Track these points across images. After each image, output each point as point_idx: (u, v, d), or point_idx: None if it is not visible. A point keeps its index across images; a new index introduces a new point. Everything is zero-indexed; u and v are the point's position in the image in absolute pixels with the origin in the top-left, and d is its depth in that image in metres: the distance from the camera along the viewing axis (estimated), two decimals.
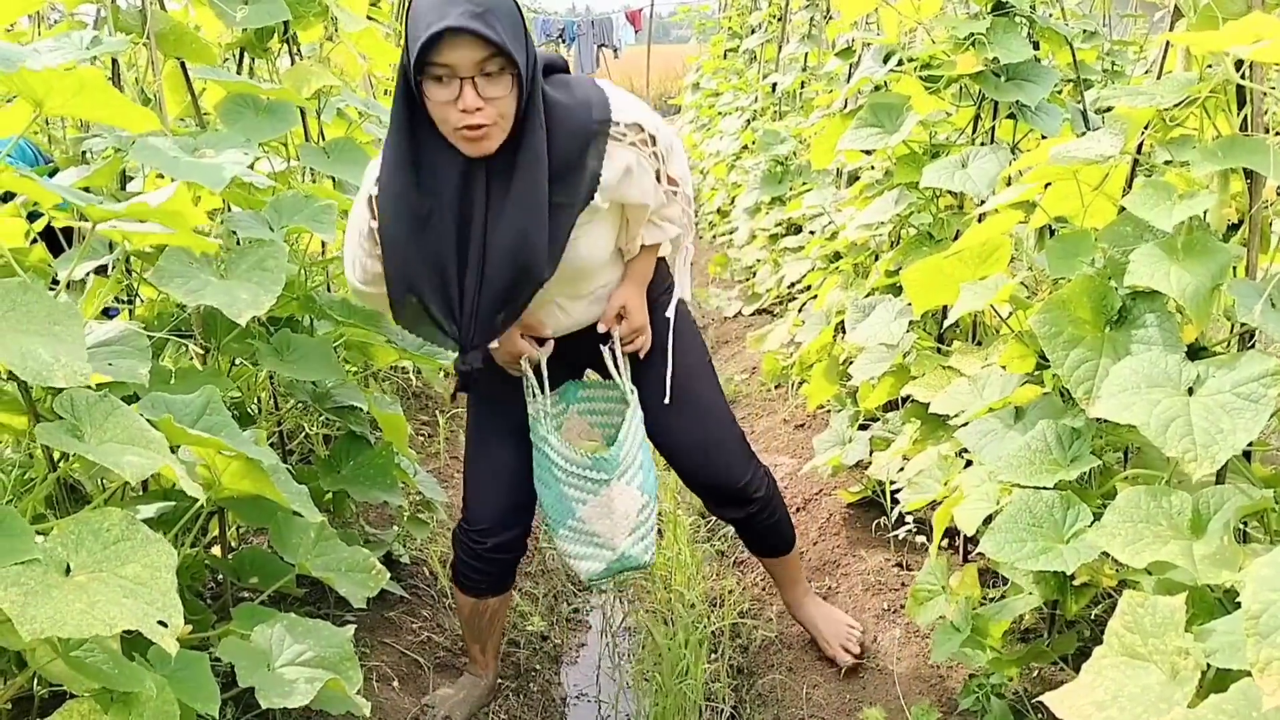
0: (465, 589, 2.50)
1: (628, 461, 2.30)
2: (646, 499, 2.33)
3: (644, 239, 2.26)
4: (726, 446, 2.43)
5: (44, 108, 1.60)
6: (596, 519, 2.31)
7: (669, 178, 2.19)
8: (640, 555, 2.35)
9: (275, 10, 2.67)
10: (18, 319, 1.40)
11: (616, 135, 2.05)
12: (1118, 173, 1.97)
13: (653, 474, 2.36)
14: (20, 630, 1.29)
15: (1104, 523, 1.57)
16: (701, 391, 2.43)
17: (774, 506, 2.53)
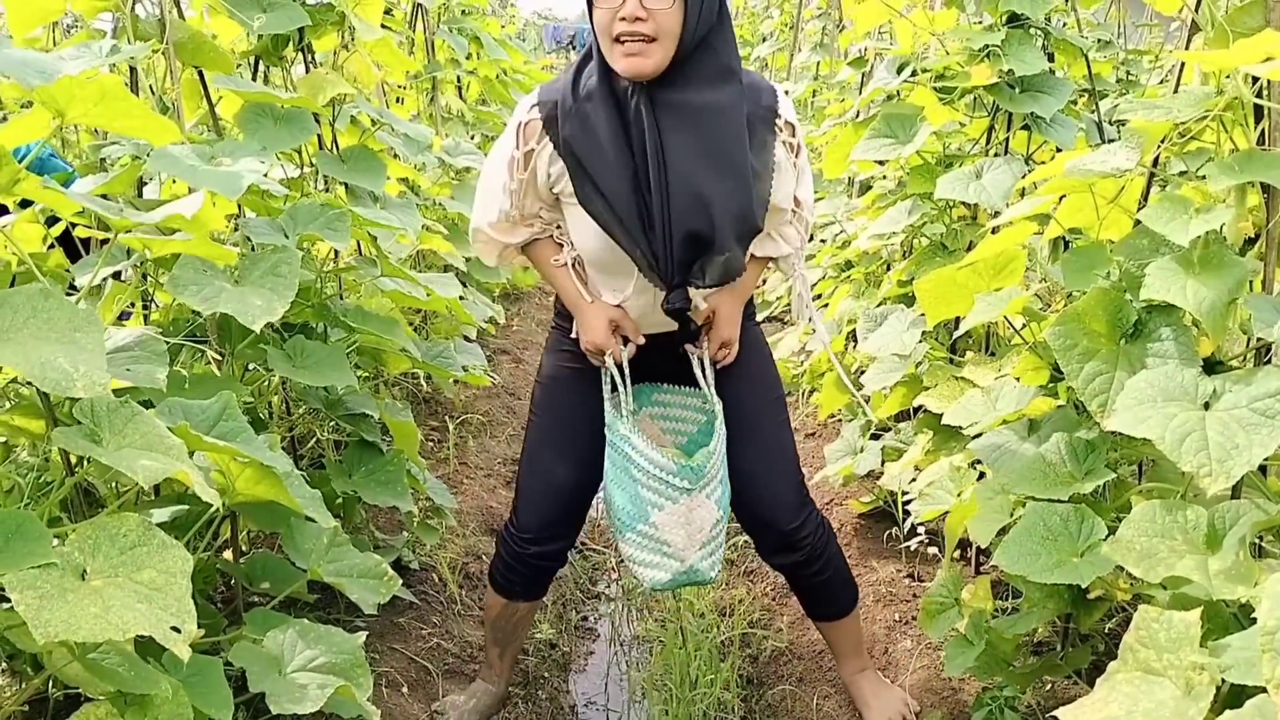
0: (499, 588, 2.50)
1: (712, 474, 2.23)
2: (721, 514, 2.26)
3: (755, 249, 2.19)
4: (780, 485, 2.34)
5: (65, 116, 1.61)
6: (671, 527, 2.22)
7: (796, 196, 2.17)
8: (707, 571, 2.27)
9: (294, 17, 2.69)
10: (39, 326, 1.41)
11: (777, 127, 2.08)
12: (1134, 186, 1.97)
13: (728, 490, 2.28)
14: (35, 633, 1.29)
15: (1119, 536, 1.57)
16: (766, 424, 2.34)
17: (825, 562, 2.39)
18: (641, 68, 1.93)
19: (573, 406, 2.34)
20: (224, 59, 2.43)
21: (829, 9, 6.74)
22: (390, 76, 3.90)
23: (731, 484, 2.29)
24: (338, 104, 3.08)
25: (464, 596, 3.15)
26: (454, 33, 5.39)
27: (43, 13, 2.34)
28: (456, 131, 5.42)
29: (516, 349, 5.70)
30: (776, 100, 2.08)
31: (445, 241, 4.04)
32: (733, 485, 2.29)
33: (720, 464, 2.25)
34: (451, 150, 4.38)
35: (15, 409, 1.93)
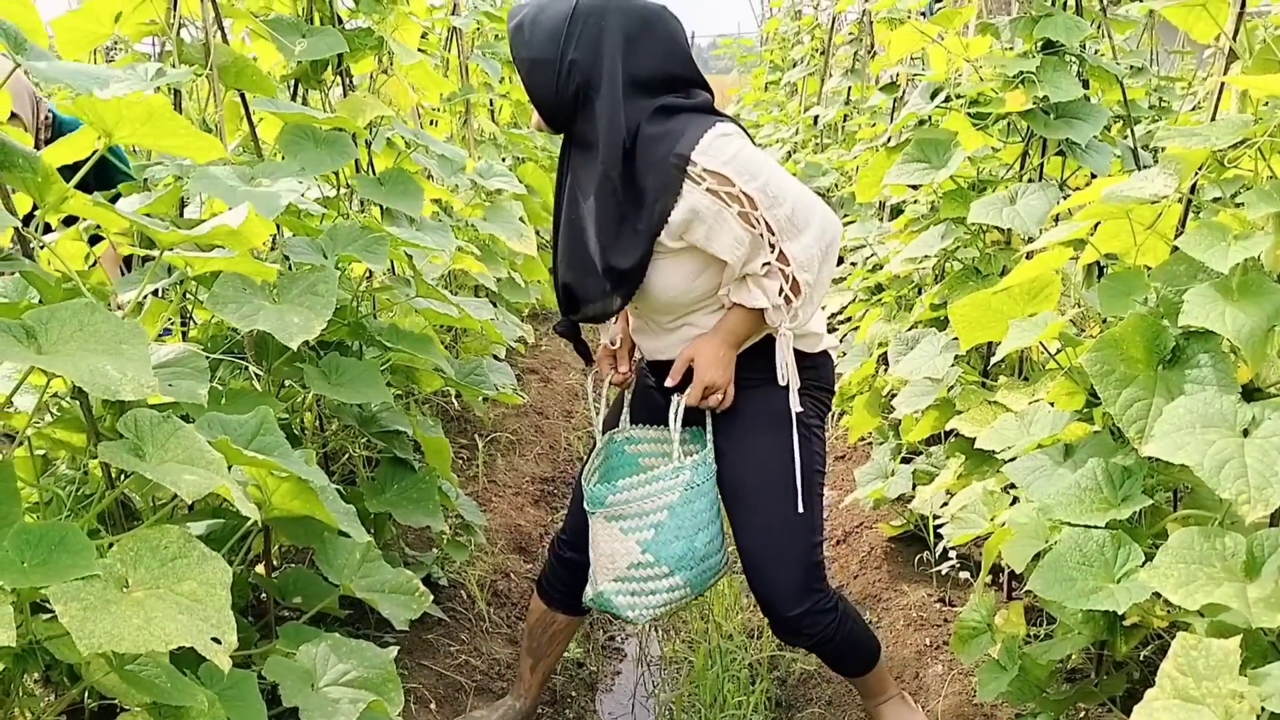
0: (541, 592, 2.58)
1: (624, 508, 2.21)
2: (649, 559, 2.21)
3: (731, 295, 2.17)
4: (779, 570, 2.24)
5: (113, 136, 1.64)
6: (593, 542, 2.32)
7: (781, 252, 2.09)
8: (623, 609, 2.26)
9: (333, 43, 2.73)
10: (85, 339, 1.43)
11: (694, 176, 2.04)
12: (1171, 212, 1.96)
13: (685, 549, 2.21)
14: (79, 644, 1.31)
15: (1156, 563, 1.56)
16: (771, 501, 2.23)
17: (836, 645, 2.31)
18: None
19: (605, 421, 2.46)
20: (266, 82, 2.47)
21: (860, 35, 6.76)
22: (425, 100, 3.94)
23: (740, 560, 2.31)
24: (375, 126, 3.12)
25: (492, 614, 3.16)
26: (487, 57, 5.44)
27: (91, 37, 2.39)
28: (489, 154, 5.46)
29: (545, 368, 5.73)
30: (691, 148, 2.03)
31: (477, 262, 4.07)
32: (740, 561, 2.31)
33: (657, 509, 2.20)
34: (484, 172, 4.42)
35: (57, 422, 1.95)
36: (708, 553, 2.26)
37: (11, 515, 1.39)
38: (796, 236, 2.07)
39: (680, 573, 2.23)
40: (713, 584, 2.34)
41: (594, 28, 2.07)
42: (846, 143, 6.45)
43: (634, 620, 2.28)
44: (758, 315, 2.16)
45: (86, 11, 2.33)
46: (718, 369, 2.19)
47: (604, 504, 2.24)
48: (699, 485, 2.24)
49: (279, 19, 2.75)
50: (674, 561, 2.22)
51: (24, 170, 1.50)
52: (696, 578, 2.26)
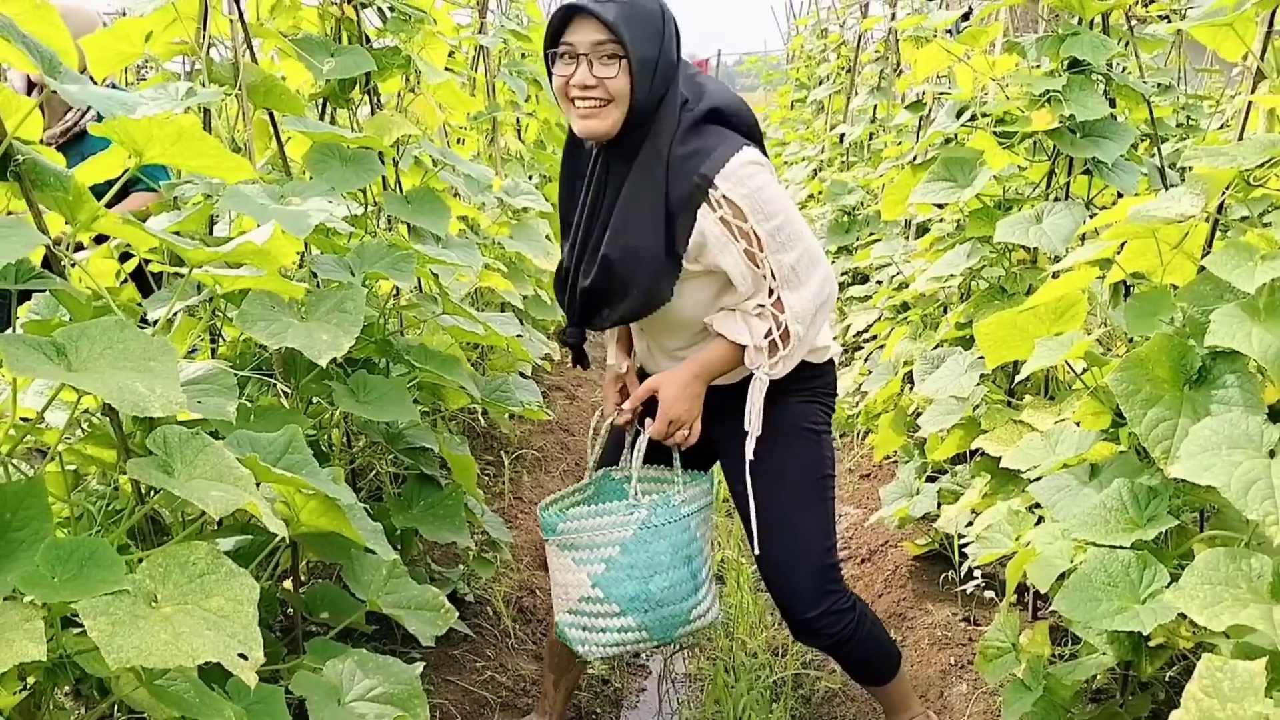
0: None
1: (574, 537, 2.19)
2: (598, 594, 2.17)
3: (715, 324, 2.14)
4: (798, 576, 2.25)
5: (144, 155, 1.66)
6: (550, 570, 2.30)
7: (778, 299, 2.10)
8: (574, 642, 2.24)
9: (360, 61, 2.76)
10: (115, 356, 1.45)
11: (712, 200, 2.02)
12: (1197, 232, 1.95)
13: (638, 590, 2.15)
14: (107, 659, 1.32)
15: (1182, 584, 1.55)
16: (785, 507, 2.25)
17: (854, 646, 2.32)
18: (595, 129, 2.05)
19: (602, 459, 2.42)
20: (295, 101, 2.50)
21: (886, 53, 6.77)
22: (452, 118, 3.98)
23: (756, 564, 2.32)
24: (402, 144, 3.15)
25: (518, 630, 3.17)
26: (514, 75, 5.48)
27: (122, 56, 2.42)
28: (515, 172, 5.50)
29: (570, 385, 5.74)
30: (716, 171, 2.02)
31: (504, 280, 4.10)
32: (757, 565, 2.32)
33: (609, 545, 2.16)
34: (511, 190, 4.45)
35: (87, 438, 1.98)
36: (666, 599, 2.16)
37: (43, 531, 1.40)
38: (797, 288, 2.08)
39: (632, 614, 2.15)
40: (683, 635, 2.25)
41: (674, 29, 2.04)
42: (872, 161, 6.45)
43: (585, 656, 2.25)
44: (736, 352, 2.14)
45: (117, 31, 2.37)
46: (684, 403, 2.16)
47: (555, 531, 2.21)
48: (657, 527, 2.16)
49: (307, 38, 2.78)
50: (625, 601, 2.15)
51: (56, 189, 1.52)
52: (655, 623, 2.17)
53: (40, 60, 1.40)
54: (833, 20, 9.93)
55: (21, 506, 1.40)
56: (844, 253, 5.70)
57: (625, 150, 2.08)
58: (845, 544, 3.76)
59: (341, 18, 2.93)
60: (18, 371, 1.29)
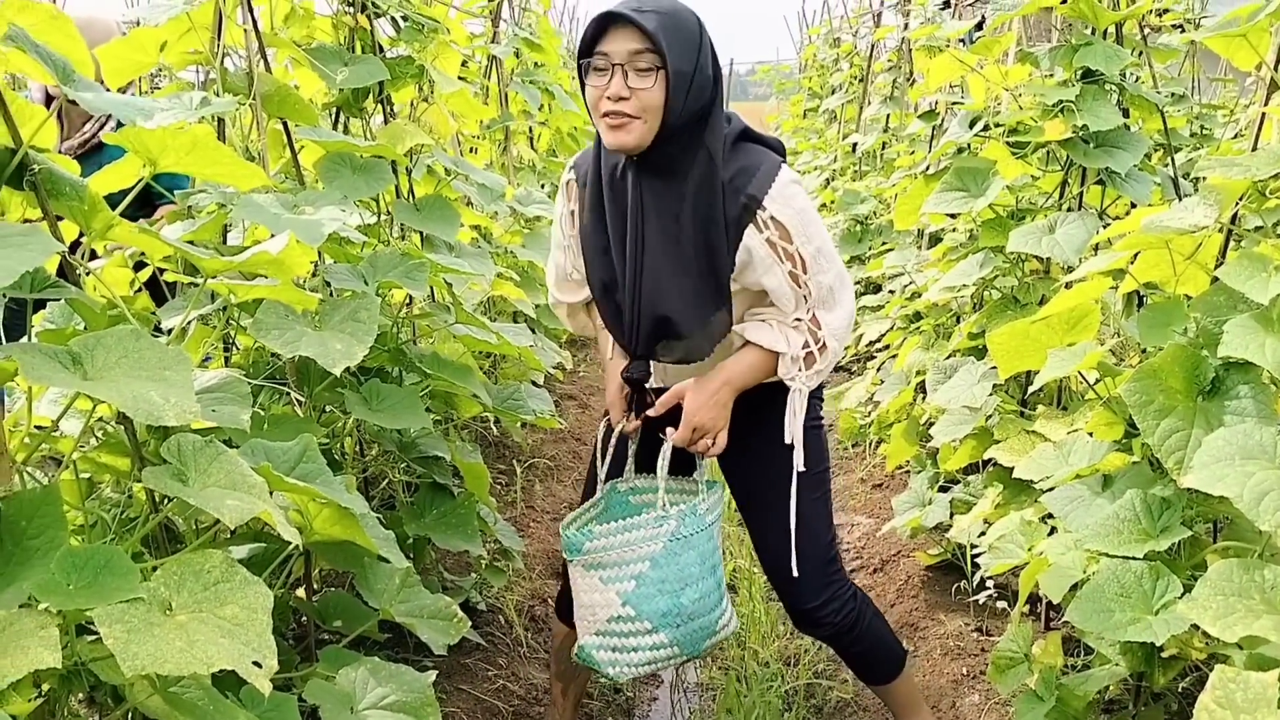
0: (561, 616, 2.53)
1: (602, 555, 2.12)
2: (629, 612, 2.10)
3: (747, 333, 2.11)
4: (797, 564, 2.25)
5: (158, 164, 1.67)
6: (574, 592, 2.22)
7: (814, 317, 2.08)
8: (603, 664, 2.16)
9: (374, 71, 2.77)
10: (130, 365, 1.46)
11: (760, 222, 2.01)
12: (1211, 242, 1.95)
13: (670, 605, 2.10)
14: (122, 666, 1.33)
15: (1195, 595, 1.54)
16: (785, 503, 2.23)
17: (856, 637, 2.32)
18: (624, 141, 1.98)
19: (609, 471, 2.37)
20: (308, 111, 2.51)
21: (899, 62, 6.77)
22: (465, 128, 3.99)
23: (757, 557, 2.32)
24: (415, 153, 3.16)
25: (530, 639, 3.17)
26: (527, 85, 5.49)
27: (136, 65, 2.44)
28: (528, 181, 5.51)
29: (583, 394, 5.75)
30: (764, 191, 2.00)
31: (516, 288, 4.11)
32: (758, 558, 2.32)
33: (639, 560, 2.10)
34: (523, 199, 4.46)
35: (102, 447, 1.99)
36: (697, 611, 2.13)
37: (58, 539, 1.41)
38: (833, 308, 2.08)
39: (664, 630, 2.10)
40: (710, 647, 2.21)
41: (710, 46, 2.00)
42: (885, 170, 6.45)
43: (615, 678, 2.18)
44: (768, 361, 2.12)
45: (132, 41, 2.39)
46: (711, 411, 2.12)
47: (581, 551, 2.14)
48: (686, 537, 2.12)
49: (321, 47, 2.80)
50: (657, 618, 2.10)
51: (71, 198, 1.53)
52: (685, 637, 2.13)
53: (55, 70, 1.41)
54: (845, 29, 9.94)
55: (37, 514, 1.41)
56: (856, 262, 5.70)
57: (656, 166, 2.03)
58: (858, 554, 3.76)
59: (355, 27, 2.95)
60: (34, 380, 1.30)
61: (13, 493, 1.40)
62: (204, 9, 2.34)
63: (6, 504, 1.39)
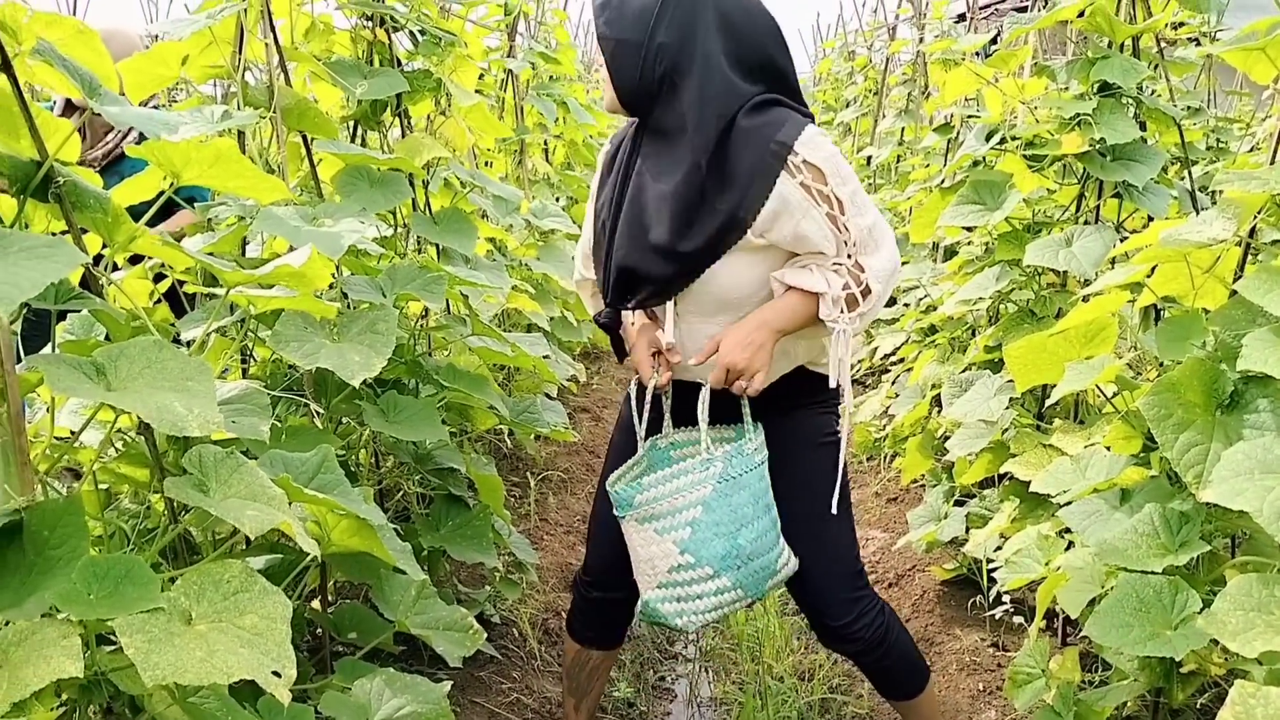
0: (573, 633, 2.53)
1: (653, 507, 2.12)
2: (688, 560, 2.10)
3: (786, 278, 2.08)
4: (827, 581, 2.26)
5: (181, 178, 1.69)
6: (631, 550, 2.21)
7: (856, 262, 2.07)
8: (671, 617, 2.15)
9: (393, 83, 2.79)
10: (153, 376, 1.47)
11: (792, 166, 2.01)
12: (1229, 256, 1.95)
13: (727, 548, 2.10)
14: (143, 676, 1.33)
15: (1214, 610, 1.54)
16: (815, 517, 2.23)
17: (884, 651, 2.30)
18: (604, 106, 2.19)
19: (626, 452, 2.34)
20: (328, 124, 2.53)
21: (914, 76, 6.78)
22: (481, 141, 4.01)
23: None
24: (432, 167, 3.18)
25: (544, 652, 3.17)
26: (542, 98, 5.51)
27: (159, 79, 2.46)
28: (542, 194, 5.53)
29: (596, 407, 5.75)
30: (794, 138, 2.02)
31: (531, 301, 4.12)
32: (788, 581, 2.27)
33: (689, 505, 2.10)
34: (538, 212, 4.48)
35: (121, 457, 2.00)
36: (755, 551, 2.12)
37: (79, 549, 1.42)
38: (874, 251, 2.06)
39: (726, 574, 2.10)
40: (773, 587, 2.19)
41: (687, 11, 2.04)
42: (900, 183, 6.46)
43: (684, 629, 2.17)
44: (808, 305, 2.08)
45: (154, 55, 2.41)
46: (745, 351, 2.08)
47: (632, 505, 2.14)
48: (735, 478, 2.11)
49: (340, 61, 2.82)
50: (717, 562, 2.09)
51: (95, 211, 1.55)
52: (748, 578, 2.12)
53: (81, 83, 1.43)
54: (860, 43, 9.96)
55: (59, 524, 1.42)
56: None
57: (651, 129, 2.13)
58: (872, 568, 3.74)
59: (374, 41, 2.97)
60: (59, 391, 1.31)
61: (35, 503, 1.41)
62: (226, 24, 2.36)
63: (30, 514, 1.40)
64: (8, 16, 1.32)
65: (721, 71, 2.04)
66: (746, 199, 2.02)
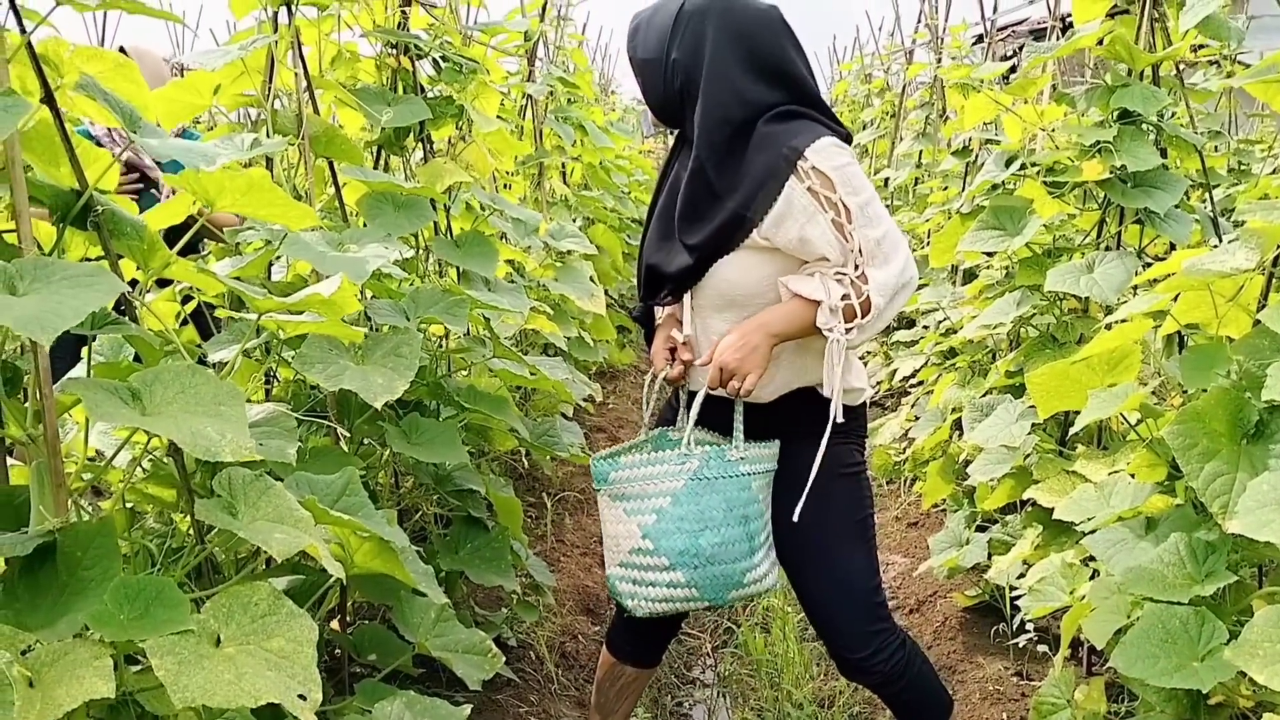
0: (610, 645, 2.53)
1: (626, 487, 2.16)
2: (648, 545, 2.13)
3: (790, 284, 2.11)
4: (846, 616, 2.25)
5: (215, 205, 1.71)
6: (602, 522, 2.28)
7: (863, 274, 2.07)
8: (624, 597, 2.20)
9: (417, 110, 2.82)
10: (187, 400, 1.49)
11: (801, 171, 2.04)
12: (1253, 285, 1.95)
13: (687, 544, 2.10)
14: (173, 697, 1.34)
15: (1241, 641, 1.53)
16: (832, 548, 2.23)
17: (905, 684, 2.28)
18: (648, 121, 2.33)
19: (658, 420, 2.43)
20: (355, 151, 2.56)
21: (932, 99, 6.79)
22: (501, 164, 4.04)
23: (802, 606, 2.32)
24: (453, 190, 3.20)
25: (561, 676, 3.16)
26: (561, 121, 5.55)
27: (191, 108, 2.50)
28: (560, 215, 5.56)
29: (612, 427, 5.76)
30: (806, 145, 2.06)
31: (549, 322, 4.14)
32: (803, 608, 2.32)
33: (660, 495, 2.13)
34: (556, 234, 4.50)
35: (150, 478, 2.02)
36: (717, 556, 2.12)
37: (111, 570, 1.43)
38: (883, 265, 2.06)
39: (681, 569, 2.12)
40: (739, 599, 2.20)
41: (697, 27, 2.14)
42: (918, 205, 6.46)
43: (633, 611, 2.19)
44: (807, 312, 2.09)
45: (188, 84, 2.44)
46: (739, 353, 2.10)
47: (608, 481, 2.19)
48: (710, 479, 2.13)
49: (365, 89, 2.85)
50: (674, 555, 2.12)
51: (131, 238, 1.57)
52: (705, 581, 2.13)
53: (122, 116, 1.45)
54: (877, 66, 9.99)
55: (92, 546, 1.43)
56: None
57: (684, 134, 2.26)
58: (893, 594, 3.73)
59: (398, 68, 3.00)
60: (97, 417, 1.33)
61: (69, 524, 1.43)
62: (257, 54, 2.39)
63: (63, 535, 1.41)
64: (50, 50, 1.34)
65: (730, 80, 2.12)
66: (755, 199, 2.07)
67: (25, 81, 1.43)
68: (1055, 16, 4.46)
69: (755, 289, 2.14)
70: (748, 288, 2.14)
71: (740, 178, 2.09)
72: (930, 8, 7.37)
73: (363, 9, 2.88)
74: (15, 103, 1.25)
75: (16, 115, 1.24)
